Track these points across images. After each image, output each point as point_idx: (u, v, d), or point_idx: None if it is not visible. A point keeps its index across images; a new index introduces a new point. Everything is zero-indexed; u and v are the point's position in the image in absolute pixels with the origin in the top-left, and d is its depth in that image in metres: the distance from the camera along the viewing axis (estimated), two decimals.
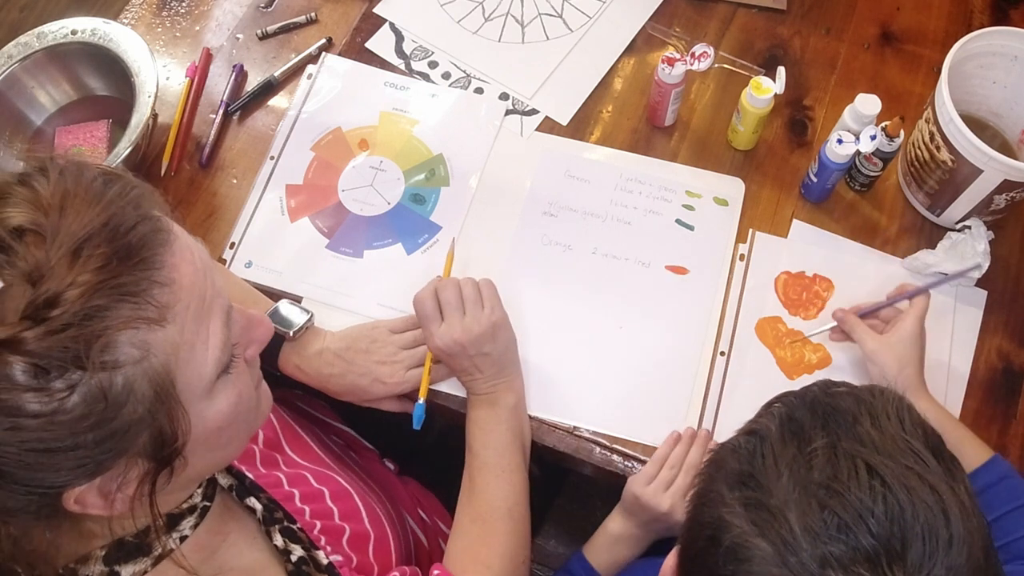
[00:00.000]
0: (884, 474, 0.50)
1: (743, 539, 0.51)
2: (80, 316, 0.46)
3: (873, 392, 0.57)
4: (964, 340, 0.98)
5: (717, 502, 0.54)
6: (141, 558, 0.59)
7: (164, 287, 0.50)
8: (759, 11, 1.18)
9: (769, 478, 0.52)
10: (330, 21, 1.19)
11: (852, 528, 0.49)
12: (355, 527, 0.78)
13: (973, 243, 0.97)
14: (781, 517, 0.50)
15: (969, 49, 0.95)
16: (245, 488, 0.71)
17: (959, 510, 0.50)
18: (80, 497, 0.51)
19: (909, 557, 0.48)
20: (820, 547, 0.49)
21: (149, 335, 0.49)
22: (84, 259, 0.47)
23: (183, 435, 0.53)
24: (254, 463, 0.78)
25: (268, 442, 0.83)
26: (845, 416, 0.54)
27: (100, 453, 0.49)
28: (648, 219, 1.05)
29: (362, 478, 0.92)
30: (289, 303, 0.93)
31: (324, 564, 0.69)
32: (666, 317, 0.99)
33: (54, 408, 0.46)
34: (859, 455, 0.51)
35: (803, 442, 0.53)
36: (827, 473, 0.51)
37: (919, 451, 0.53)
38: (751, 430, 0.57)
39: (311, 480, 0.80)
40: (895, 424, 0.54)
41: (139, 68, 1.04)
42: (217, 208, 1.07)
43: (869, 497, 0.49)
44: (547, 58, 1.15)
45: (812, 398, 0.57)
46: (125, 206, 0.51)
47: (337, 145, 1.10)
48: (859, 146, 0.96)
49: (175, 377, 0.51)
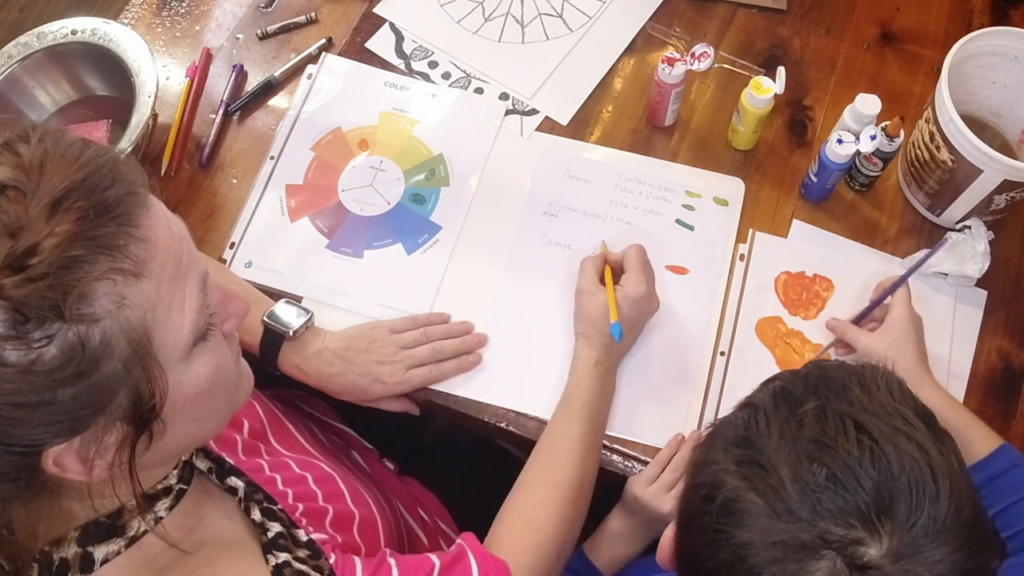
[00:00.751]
0: (872, 430, 0.52)
1: (735, 493, 0.53)
2: (57, 265, 0.47)
3: (864, 366, 0.58)
4: (964, 340, 0.98)
5: (710, 464, 0.56)
6: (115, 539, 0.60)
7: (141, 243, 0.52)
8: (759, 11, 1.18)
9: (761, 438, 0.54)
10: (330, 21, 1.19)
11: (841, 479, 0.50)
12: (339, 507, 0.78)
13: (973, 243, 0.97)
14: (772, 471, 0.52)
15: (969, 49, 0.95)
16: (225, 471, 0.71)
17: (946, 468, 0.52)
18: (58, 458, 0.52)
19: (897, 508, 0.50)
20: (810, 497, 0.50)
21: (125, 288, 0.50)
22: (62, 212, 0.49)
23: (160, 395, 0.54)
24: (235, 451, 0.78)
25: (253, 432, 0.83)
26: (835, 383, 0.56)
27: (78, 408, 0.50)
28: (648, 219, 1.05)
29: (351, 467, 0.92)
30: (289, 303, 0.92)
31: (303, 540, 0.69)
32: (666, 317, 0.99)
33: (32, 358, 0.47)
34: (848, 414, 0.53)
35: (795, 406, 0.55)
36: (816, 430, 0.53)
37: (907, 416, 0.54)
38: (746, 403, 0.59)
39: (294, 467, 0.80)
40: (884, 393, 0.56)
41: (139, 68, 1.04)
42: (217, 208, 1.07)
43: (857, 450, 0.51)
44: (547, 58, 1.15)
45: (805, 372, 0.59)
46: (102, 166, 0.52)
47: (337, 145, 1.10)
48: (859, 146, 0.96)
49: (152, 334, 0.52)
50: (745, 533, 0.51)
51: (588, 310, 0.92)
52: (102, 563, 0.59)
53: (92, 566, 0.59)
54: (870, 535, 0.49)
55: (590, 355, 0.91)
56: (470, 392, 0.96)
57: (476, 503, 0.90)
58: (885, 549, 0.49)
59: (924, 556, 0.49)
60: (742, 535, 0.52)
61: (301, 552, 0.67)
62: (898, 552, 0.49)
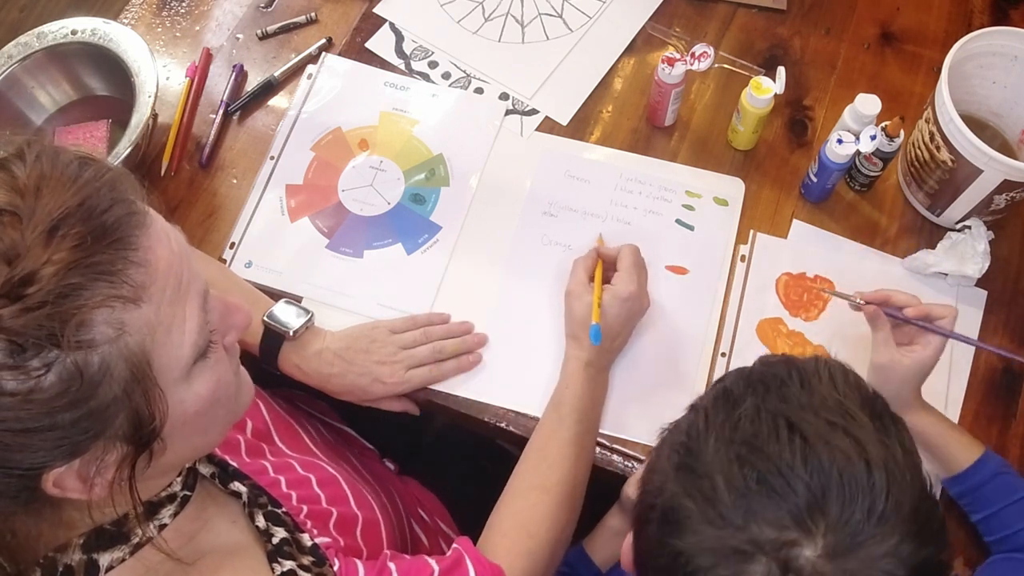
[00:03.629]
0: (804, 429, 0.52)
1: (673, 501, 0.53)
2: (55, 294, 0.47)
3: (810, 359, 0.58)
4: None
5: (657, 472, 0.57)
6: (120, 545, 0.59)
7: (140, 267, 0.51)
8: (759, 11, 1.18)
9: (699, 443, 0.54)
10: (330, 21, 1.19)
11: (771, 483, 0.50)
12: (342, 510, 0.78)
13: (973, 243, 0.97)
14: (705, 476, 0.52)
15: (969, 49, 0.95)
16: (228, 475, 0.71)
17: (883, 460, 0.51)
18: (59, 480, 0.51)
19: (829, 507, 0.49)
20: (741, 502, 0.50)
21: (124, 314, 0.50)
22: (59, 238, 0.48)
23: (160, 417, 0.53)
24: (239, 452, 0.78)
25: (257, 433, 0.83)
26: (774, 380, 0.56)
27: (77, 433, 0.50)
28: (648, 219, 1.05)
29: (354, 468, 0.92)
30: (289, 303, 0.92)
31: (308, 546, 0.69)
32: (666, 317, 0.99)
33: (30, 387, 0.47)
34: (780, 413, 0.53)
35: (732, 407, 0.55)
36: (749, 432, 0.53)
37: (849, 409, 0.54)
38: (692, 406, 0.60)
39: (297, 468, 0.80)
40: (826, 385, 0.55)
41: (139, 68, 1.04)
42: (217, 208, 1.07)
43: (788, 451, 0.51)
44: (547, 58, 1.15)
45: (749, 370, 0.59)
46: (100, 188, 0.51)
47: (337, 145, 1.10)
48: (859, 146, 0.96)
49: (151, 358, 0.52)
50: (682, 540, 0.51)
51: (576, 312, 0.92)
52: (107, 570, 0.59)
53: (97, 573, 0.58)
54: (804, 536, 0.49)
55: (579, 356, 0.91)
56: (470, 392, 0.96)
57: (476, 503, 0.90)
58: (820, 549, 0.48)
59: (864, 552, 0.48)
60: (679, 542, 0.52)
61: (305, 559, 0.67)
62: (834, 550, 0.48)
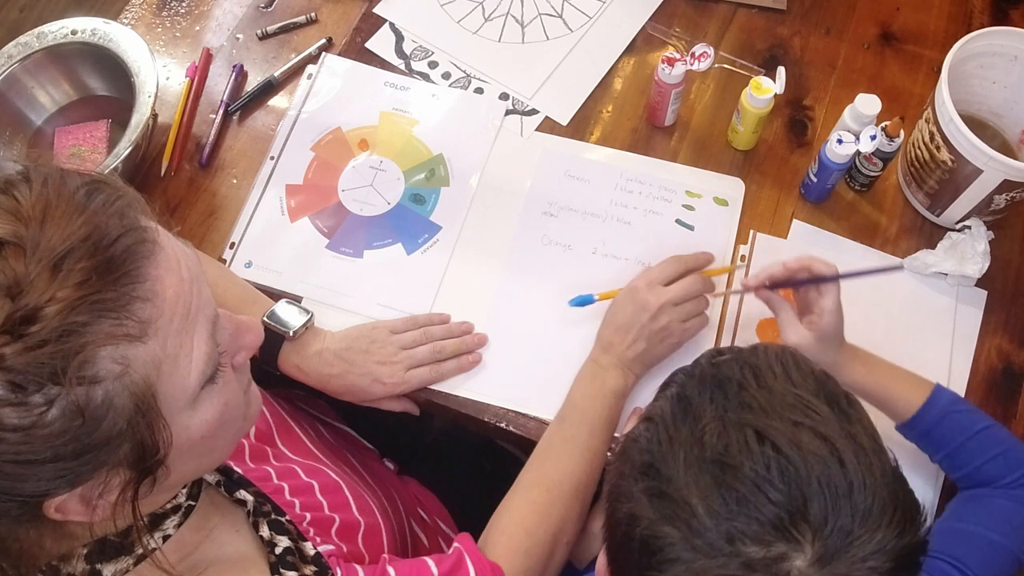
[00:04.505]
0: (774, 437, 0.51)
1: (652, 529, 0.52)
2: (59, 332, 0.46)
3: (757, 351, 0.57)
4: (964, 340, 0.98)
5: (626, 497, 0.55)
6: (123, 557, 0.59)
7: (146, 302, 0.50)
8: (759, 11, 1.18)
9: (667, 464, 0.53)
10: (330, 21, 1.19)
11: (751, 500, 0.49)
12: (344, 517, 0.78)
13: (973, 243, 0.97)
14: (682, 502, 0.51)
15: (969, 49, 0.95)
16: (233, 482, 0.71)
17: (855, 454, 0.51)
18: (61, 505, 0.51)
19: (812, 514, 0.49)
20: (724, 524, 0.49)
21: (129, 350, 0.49)
22: (64, 273, 0.47)
23: (164, 447, 0.52)
24: (243, 458, 0.78)
25: (260, 435, 0.83)
26: (730, 384, 0.55)
27: (80, 465, 0.49)
28: (648, 219, 1.05)
29: (356, 470, 0.92)
30: (289, 303, 0.92)
31: (311, 555, 0.69)
32: None
33: (32, 422, 0.46)
34: (746, 423, 0.52)
35: (694, 420, 0.54)
36: (718, 449, 0.52)
37: (808, 402, 0.53)
38: (648, 416, 0.58)
39: (301, 474, 0.80)
40: (782, 380, 0.54)
41: (139, 68, 1.04)
42: (217, 208, 1.07)
43: (762, 465, 0.50)
44: (547, 58, 1.15)
45: (700, 372, 0.57)
46: (108, 218, 0.50)
47: (337, 145, 1.10)
48: (859, 146, 0.96)
49: (156, 391, 0.51)
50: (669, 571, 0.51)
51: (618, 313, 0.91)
52: None
53: None
54: (791, 547, 0.48)
55: (593, 355, 0.91)
56: (470, 392, 0.96)
57: (476, 503, 0.90)
58: (810, 557, 0.48)
59: (853, 552, 0.48)
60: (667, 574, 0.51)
61: (308, 569, 0.67)
62: (823, 557, 0.48)
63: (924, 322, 0.92)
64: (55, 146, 1.09)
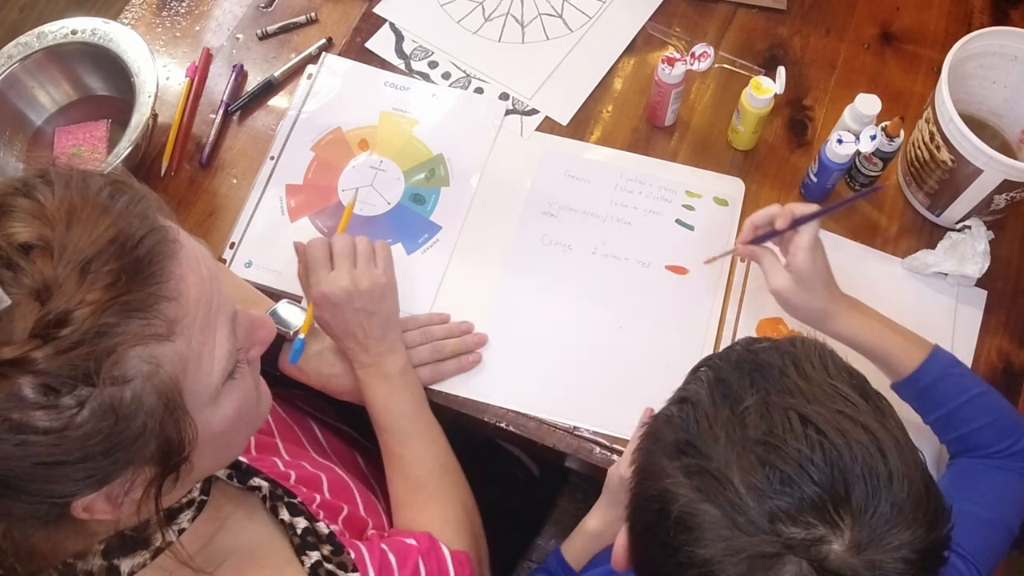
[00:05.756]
0: (817, 421, 0.51)
1: (690, 507, 0.52)
2: (90, 335, 0.46)
3: (795, 343, 0.57)
4: (964, 340, 0.98)
5: (659, 474, 0.55)
6: (140, 551, 0.59)
7: (172, 301, 0.50)
8: (759, 11, 1.18)
9: (707, 443, 0.53)
10: (330, 21, 1.19)
11: (795, 479, 0.49)
12: (352, 510, 0.79)
13: (973, 243, 0.97)
14: (724, 480, 0.51)
15: (969, 49, 0.95)
16: (243, 472, 0.72)
17: (894, 445, 0.51)
18: (88, 505, 0.51)
19: (854, 499, 0.49)
20: (766, 503, 0.49)
21: (158, 350, 0.49)
22: (93, 276, 0.47)
23: (190, 443, 0.53)
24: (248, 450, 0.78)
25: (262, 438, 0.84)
26: (771, 370, 0.55)
27: (109, 464, 0.50)
28: (648, 219, 1.05)
29: (361, 473, 0.92)
30: (289, 303, 0.93)
31: (325, 534, 0.69)
32: (666, 317, 0.99)
33: (64, 424, 0.46)
34: (790, 407, 0.52)
35: (735, 402, 0.54)
36: (762, 429, 0.52)
37: (847, 394, 0.54)
38: (682, 398, 0.58)
39: (307, 467, 0.81)
40: (820, 371, 0.55)
41: (139, 68, 1.04)
42: (217, 208, 1.07)
43: (807, 446, 0.50)
44: (547, 58, 1.15)
45: (737, 357, 0.57)
46: (132, 219, 0.50)
47: (337, 145, 1.10)
48: (859, 146, 0.96)
49: (183, 388, 0.51)
50: (707, 549, 0.50)
51: None
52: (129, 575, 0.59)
53: None
54: (831, 531, 0.49)
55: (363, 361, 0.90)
56: (470, 392, 0.96)
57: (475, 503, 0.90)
58: (848, 542, 0.48)
59: (886, 543, 0.49)
60: (704, 552, 0.50)
61: (325, 548, 0.68)
62: (860, 543, 0.48)
63: (924, 322, 0.92)
64: (55, 146, 1.09)
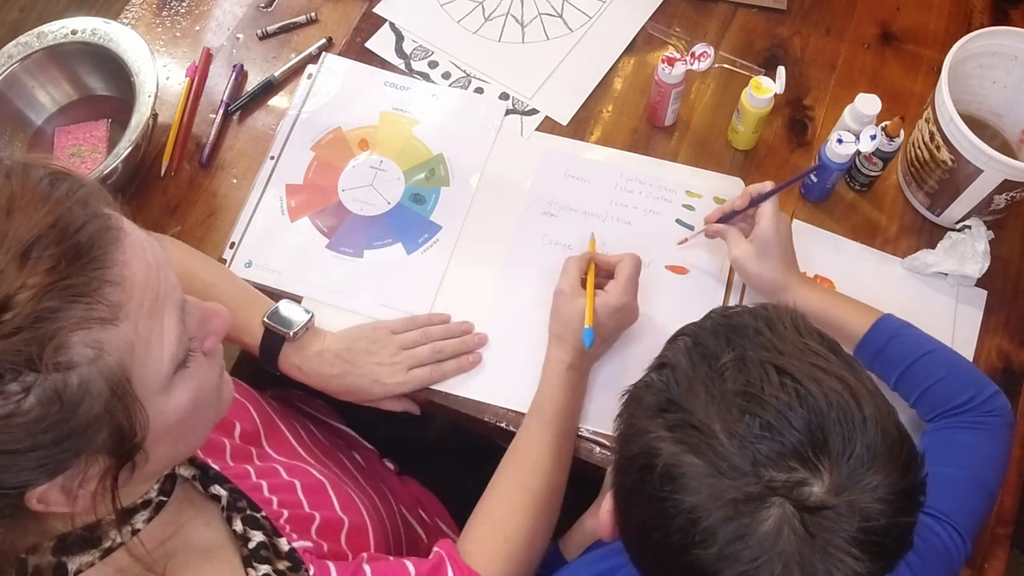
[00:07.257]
0: (793, 372, 0.53)
1: (674, 459, 0.53)
2: (32, 319, 0.46)
3: (767, 307, 0.60)
4: (964, 340, 0.98)
5: (642, 433, 0.57)
6: (90, 550, 0.59)
7: (115, 286, 0.50)
8: (759, 11, 1.18)
9: (687, 399, 0.55)
10: (330, 21, 1.19)
11: (775, 426, 0.52)
12: (326, 515, 0.78)
13: (973, 243, 0.97)
14: (707, 430, 0.53)
15: (969, 49, 0.95)
16: (209, 478, 0.71)
17: (866, 392, 0.54)
18: (43, 496, 0.51)
19: (831, 443, 0.51)
20: (748, 449, 0.51)
21: (102, 334, 0.49)
22: (33, 261, 0.47)
23: (142, 430, 0.53)
24: (223, 456, 0.78)
25: (245, 435, 0.83)
26: (746, 330, 0.58)
27: (59, 452, 0.50)
28: (648, 219, 1.05)
29: (345, 469, 0.92)
30: (289, 303, 0.92)
31: (285, 551, 0.69)
32: (666, 317, 0.99)
33: (10, 411, 0.46)
34: (767, 360, 0.55)
35: (713, 359, 0.56)
36: (741, 381, 0.54)
37: (818, 350, 0.56)
38: (661, 364, 0.60)
39: (282, 472, 0.80)
40: (792, 330, 0.58)
41: (139, 68, 1.04)
42: (217, 208, 1.07)
43: (784, 394, 0.53)
44: (547, 58, 1.15)
45: (712, 323, 0.60)
46: (73, 205, 0.50)
47: (337, 145, 1.10)
48: (859, 146, 0.96)
49: (131, 374, 0.51)
50: (692, 496, 0.52)
51: (564, 313, 0.92)
52: (75, 574, 0.59)
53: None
54: (811, 474, 0.51)
55: (562, 359, 0.91)
56: (470, 392, 0.96)
57: (476, 503, 0.90)
58: (827, 485, 0.50)
59: (863, 484, 0.51)
60: (690, 499, 0.52)
61: (281, 564, 0.67)
62: (839, 485, 0.50)
63: (924, 322, 0.92)
64: (55, 146, 1.09)
